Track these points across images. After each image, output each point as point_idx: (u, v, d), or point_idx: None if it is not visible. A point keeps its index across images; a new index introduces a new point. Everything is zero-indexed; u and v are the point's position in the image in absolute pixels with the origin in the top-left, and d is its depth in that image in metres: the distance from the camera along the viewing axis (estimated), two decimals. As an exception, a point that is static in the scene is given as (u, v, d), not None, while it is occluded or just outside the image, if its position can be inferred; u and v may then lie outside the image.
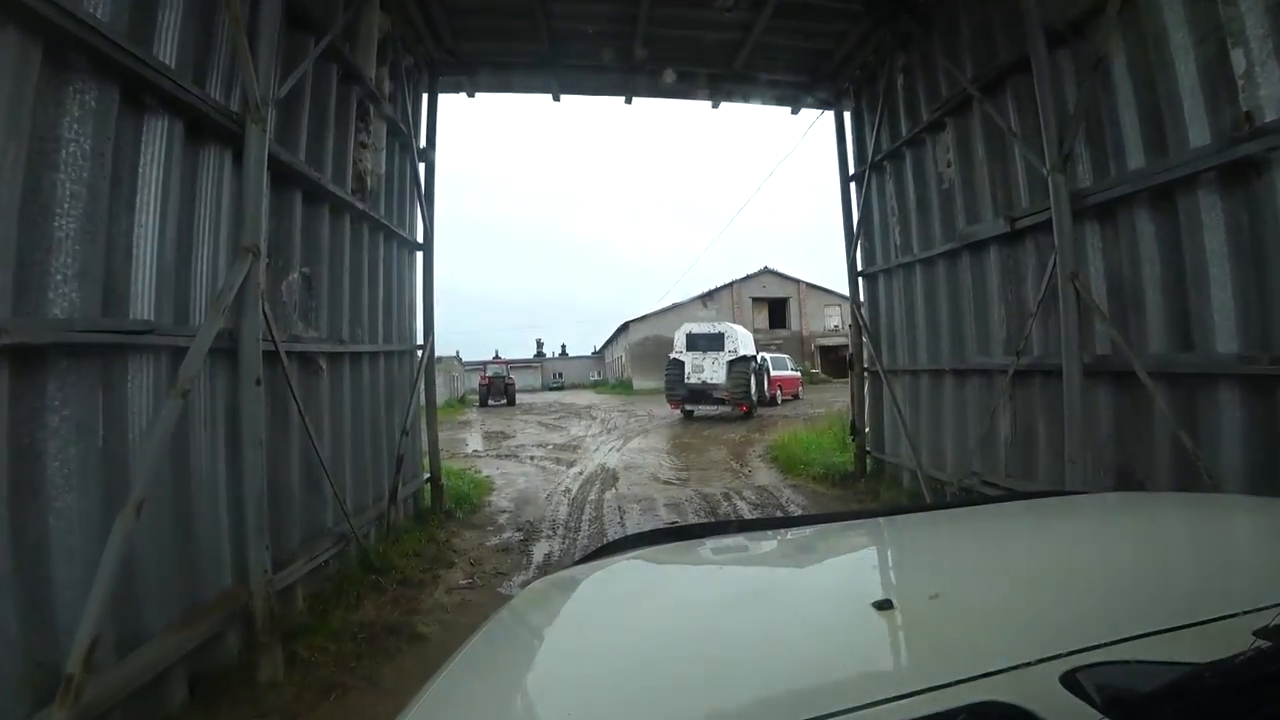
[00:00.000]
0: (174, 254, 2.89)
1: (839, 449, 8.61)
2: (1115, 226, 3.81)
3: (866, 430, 6.95)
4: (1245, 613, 0.65)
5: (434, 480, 6.32)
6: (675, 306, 42.42)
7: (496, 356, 74.09)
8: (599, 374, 64.07)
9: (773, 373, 19.21)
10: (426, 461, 6.54)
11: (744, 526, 1.65)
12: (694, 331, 17.35)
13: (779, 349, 41.29)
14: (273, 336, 3.41)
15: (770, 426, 15.14)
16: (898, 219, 6.33)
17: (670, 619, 0.95)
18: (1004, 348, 4.80)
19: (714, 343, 16.65)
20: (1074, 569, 0.99)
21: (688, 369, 16.64)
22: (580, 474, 9.04)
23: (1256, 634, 0.58)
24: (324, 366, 4.24)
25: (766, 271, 44.56)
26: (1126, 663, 0.59)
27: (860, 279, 7.05)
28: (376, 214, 5.29)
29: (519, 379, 66.41)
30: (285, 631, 3.31)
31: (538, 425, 18.42)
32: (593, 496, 7.40)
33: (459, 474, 8.12)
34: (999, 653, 0.64)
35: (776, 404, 18.93)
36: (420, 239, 6.41)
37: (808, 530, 1.53)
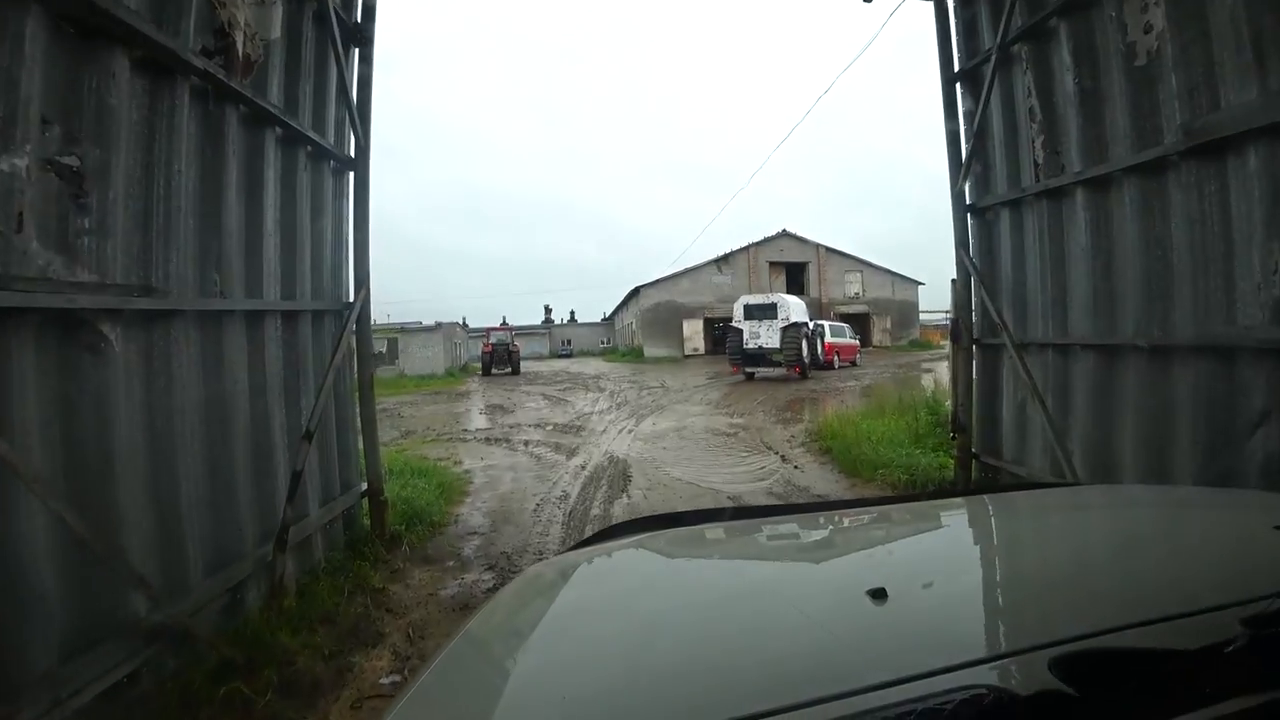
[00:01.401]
0: None
1: (910, 441, 6.77)
2: None
3: (973, 425, 5.06)
4: (1234, 604, 0.64)
5: (373, 495, 4.53)
6: (689, 271, 40.24)
7: (504, 323, 72.44)
8: (608, 341, 62.27)
9: (829, 339, 20.30)
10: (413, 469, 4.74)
11: (739, 514, 1.65)
12: (750, 303, 18.88)
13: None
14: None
15: (815, 399, 13.32)
16: (1041, 124, 4.35)
17: (666, 606, 0.96)
18: (1273, 313, 2.91)
19: (768, 311, 18.13)
20: (1064, 559, 1.01)
21: (746, 336, 18.16)
22: (583, 468, 7.27)
23: (1244, 623, 0.58)
24: (113, 338, 2.41)
25: (784, 235, 42.11)
26: (1115, 650, 0.60)
27: (970, 216, 5.07)
28: (261, 100, 3.41)
29: (526, 346, 64.95)
30: None
31: (540, 398, 16.70)
32: (596, 510, 5.60)
33: (426, 471, 6.36)
34: (990, 640, 0.69)
35: (833, 367, 19.82)
36: (351, 153, 4.52)
37: (804, 518, 1.51)
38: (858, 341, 24.44)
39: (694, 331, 39.40)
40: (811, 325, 18.90)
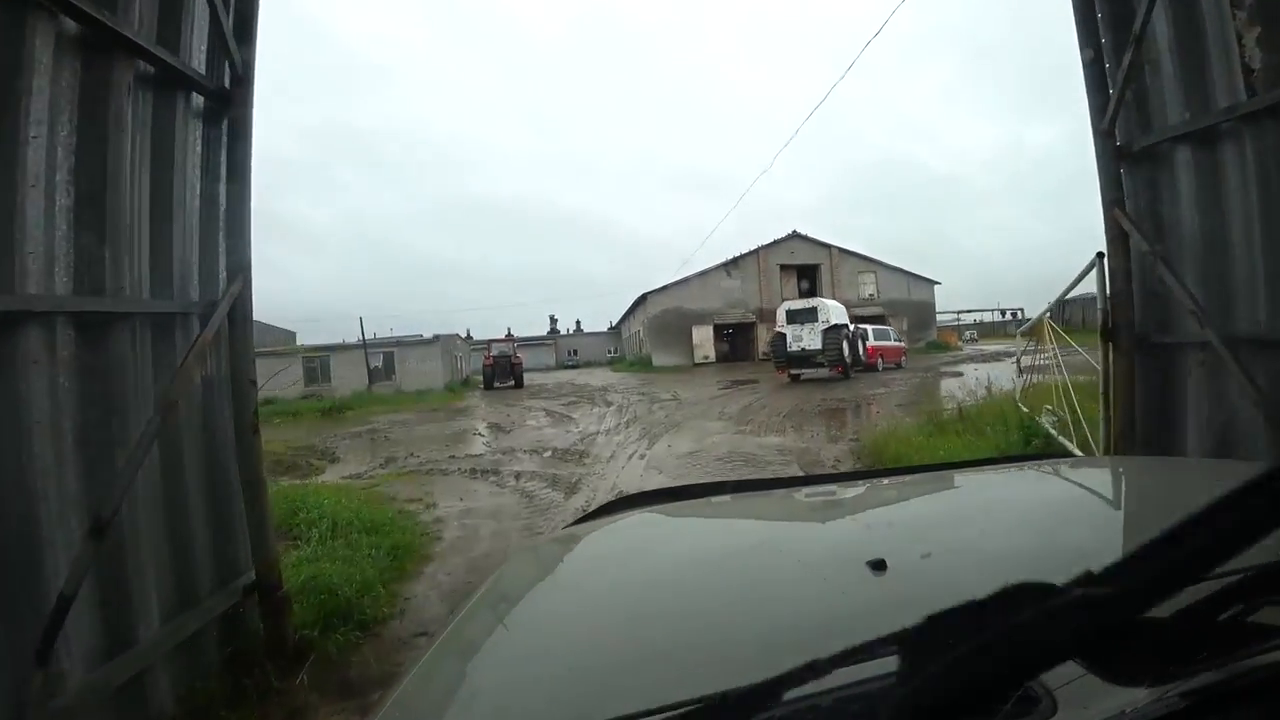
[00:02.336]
0: None
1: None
2: None
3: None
4: (1235, 572, 0.57)
5: (264, 590, 3.03)
6: (697, 275, 38.77)
7: (508, 334, 71.00)
8: (615, 350, 60.92)
9: (872, 341, 20.41)
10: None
11: (741, 486, 1.67)
12: (792, 308, 19.51)
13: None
14: None
15: (853, 407, 11.79)
16: (1254, 9, 2.88)
17: (668, 578, 0.97)
18: None
19: (809, 315, 18.62)
20: (1064, 529, 1.00)
21: (789, 339, 18.66)
22: (584, 511, 5.80)
23: (1241, 589, 0.56)
24: None
25: (795, 236, 40.61)
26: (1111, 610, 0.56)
27: (1126, 164, 3.56)
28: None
29: (531, 357, 64.04)
30: None
31: (542, 414, 15.26)
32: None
33: (380, 525, 4.90)
34: None
35: (876, 369, 19.95)
36: (227, 83, 3.10)
37: (804, 490, 1.51)
38: (903, 344, 24.49)
39: (704, 338, 37.89)
40: (852, 328, 19.16)
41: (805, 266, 40.72)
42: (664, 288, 38.46)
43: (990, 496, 1.31)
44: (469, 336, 53.76)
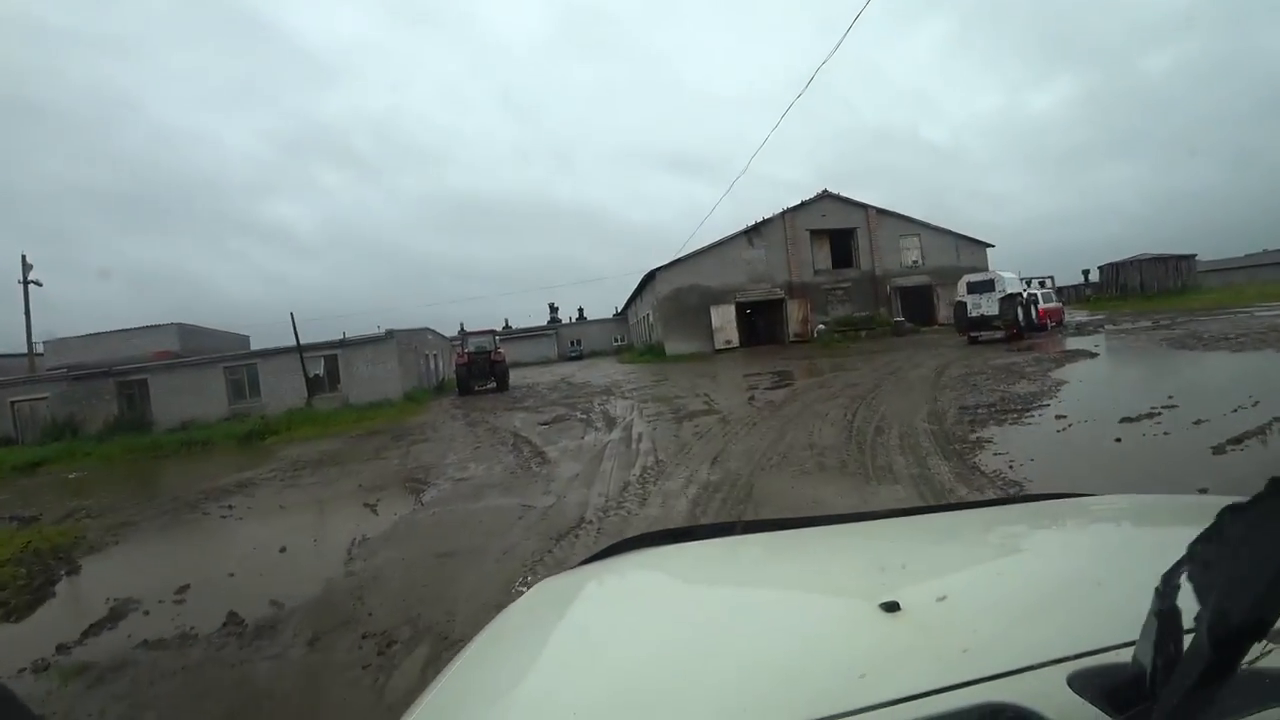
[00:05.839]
0: None
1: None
2: None
3: None
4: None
5: None
6: (714, 247, 32.94)
7: (505, 326, 65.01)
8: (622, 338, 55.33)
9: (1041, 305, 21.16)
10: None
11: (750, 527, 1.61)
12: (971, 280, 21.33)
13: (845, 293, 32.80)
14: None
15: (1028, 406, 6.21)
16: None
17: (677, 620, 0.95)
18: None
19: (987, 286, 20.44)
20: (1081, 572, 0.97)
21: (970, 308, 20.56)
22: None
23: (1271, 638, 0.50)
24: None
25: (826, 196, 34.63)
26: (1132, 664, 0.57)
27: None
28: None
29: (531, 349, 58.11)
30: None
31: (511, 441, 9.80)
32: None
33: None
34: (1006, 655, 0.64)
35: (1045, 329, 20.77)
36: None
37: (816, 530, 1.46)
38: (1062, 305, 25.53)
39: (725, 320, 32.14)
40: (1025, 294, 20.70)
41: (839, 231, 34.83)
42: (675, 262, 32.71)
43: (1008, 537, 1.27)
44: (462, 330, 48.32)
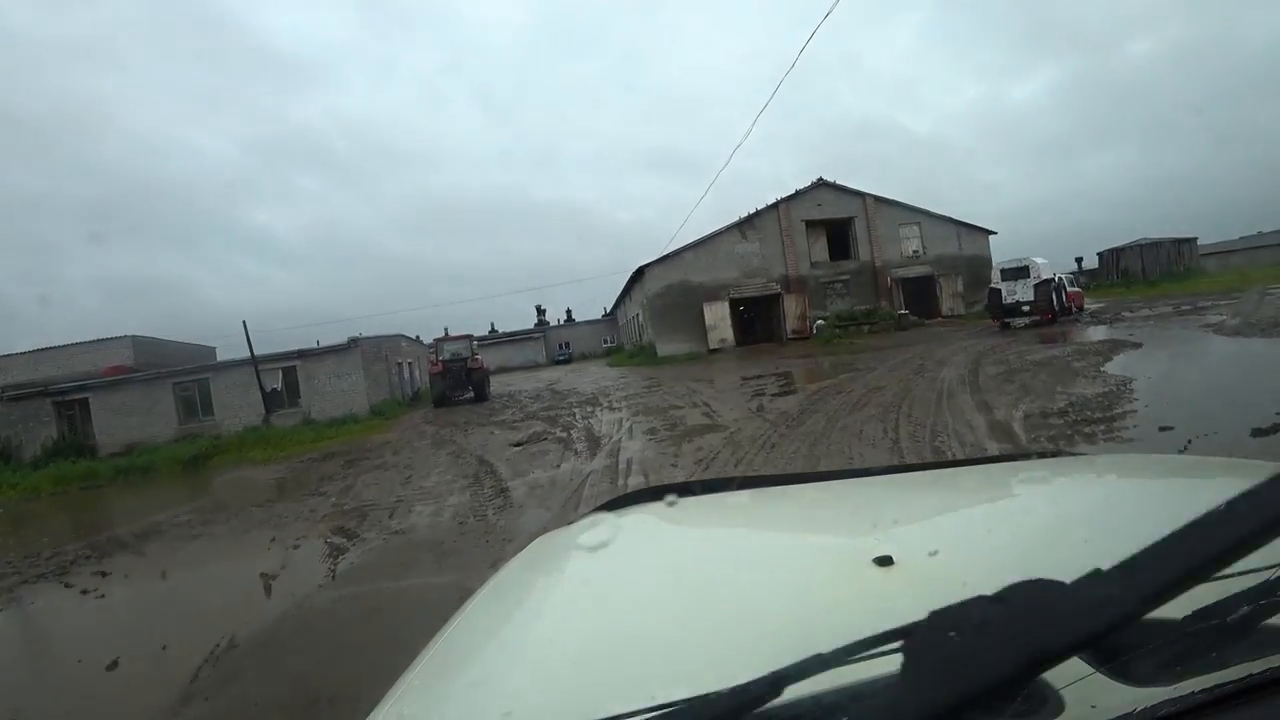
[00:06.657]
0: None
1: None
2: None
3: None
4: (1246, 572, 0.57)
5: None
6: (704, 241, 31.29)
7: (491, 330, 63.05)
8: (612, 339, 53.47)
9: (1069, 289, 21.55)
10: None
11: (746, 483, 1.60)
12: (1004, 268, 21.80)
13: (844, 286, 31.38)
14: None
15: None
16: None
17: (676, 571, 0.96)
18: None
19: (1021, 273, 21.06)
20: (1071, 527, 0.98)
21: (1004, 294, 21.04)
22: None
23: (1248, 595, 0.54)
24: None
25: (822, 185, 33.00)
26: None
27: None
28: None
29: (518, 354, 56.05)
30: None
31: (473, 472, 8.08)
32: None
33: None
34: None
35: (1071, 313, 20.91)
36: None
37: (811, 486, 1.50)
38: (1081, 290, 25.49)
39: (718, 318, 30.46)
40: (1056, 279, 21.03)
41: (835, 221, 33.25)
42: (665, 258, 31.00)
43: (998, 493, 1.29)
44: (445, 335, 46.45)
